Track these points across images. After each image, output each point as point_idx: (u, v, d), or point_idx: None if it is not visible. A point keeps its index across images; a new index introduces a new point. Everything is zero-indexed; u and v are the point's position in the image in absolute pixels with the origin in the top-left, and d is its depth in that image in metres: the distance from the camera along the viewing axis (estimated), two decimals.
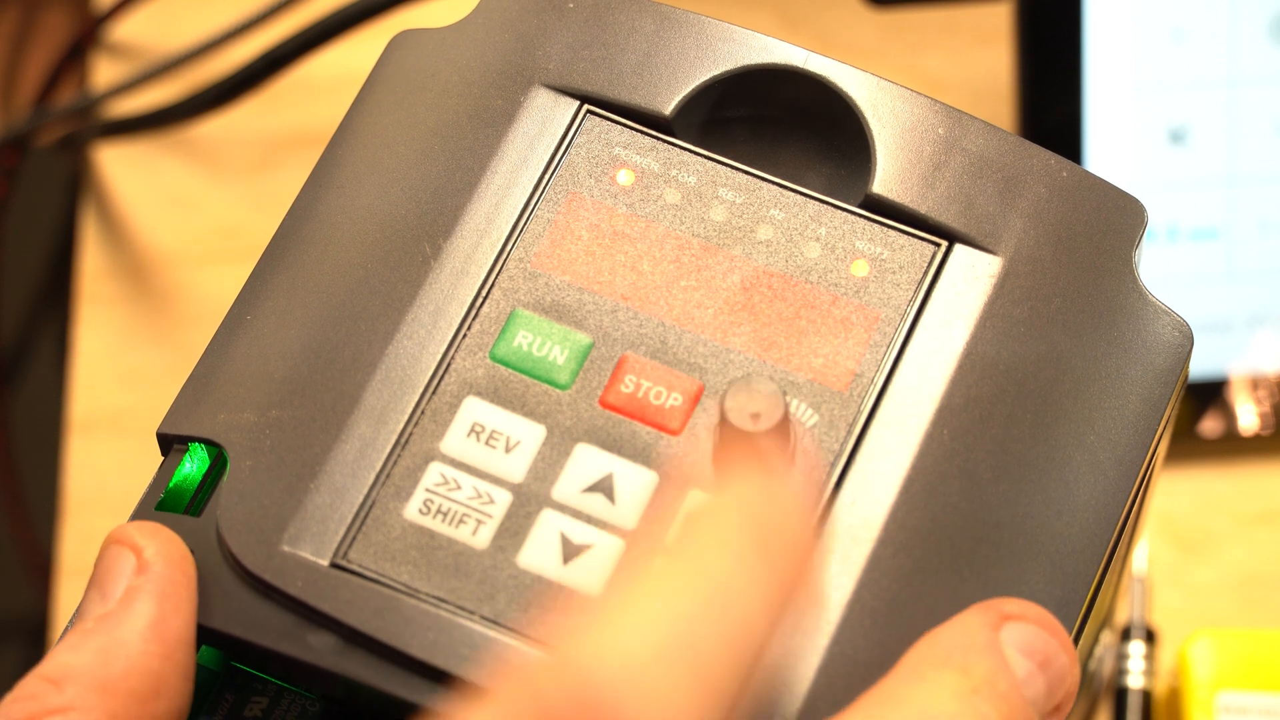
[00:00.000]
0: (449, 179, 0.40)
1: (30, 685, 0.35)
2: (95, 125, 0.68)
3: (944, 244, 0.39)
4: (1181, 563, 0.62)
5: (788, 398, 0.38)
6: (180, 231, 0.68)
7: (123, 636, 0.36)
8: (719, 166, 0.40)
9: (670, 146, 0.40)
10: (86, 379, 0.66)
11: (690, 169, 0.40)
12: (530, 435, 0.38)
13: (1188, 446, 0.62)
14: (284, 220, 0.41)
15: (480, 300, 0.39)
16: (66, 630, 0.37)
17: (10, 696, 0.35)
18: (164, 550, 0.37)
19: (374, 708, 0.37)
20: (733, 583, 0.31)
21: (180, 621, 0.36)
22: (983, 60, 0.67)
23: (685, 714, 0.30)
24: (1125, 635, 0.59)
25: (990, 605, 0.36)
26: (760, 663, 0.36)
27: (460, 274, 0.39)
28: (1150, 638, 0.59)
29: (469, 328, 0.39)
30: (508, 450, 0.38)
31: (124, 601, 0.36)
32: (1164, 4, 0.60)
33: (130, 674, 0.35)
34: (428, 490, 0.37)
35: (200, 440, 0.38)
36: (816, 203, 0.40)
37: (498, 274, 0.39)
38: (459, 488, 0.37)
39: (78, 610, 0.37)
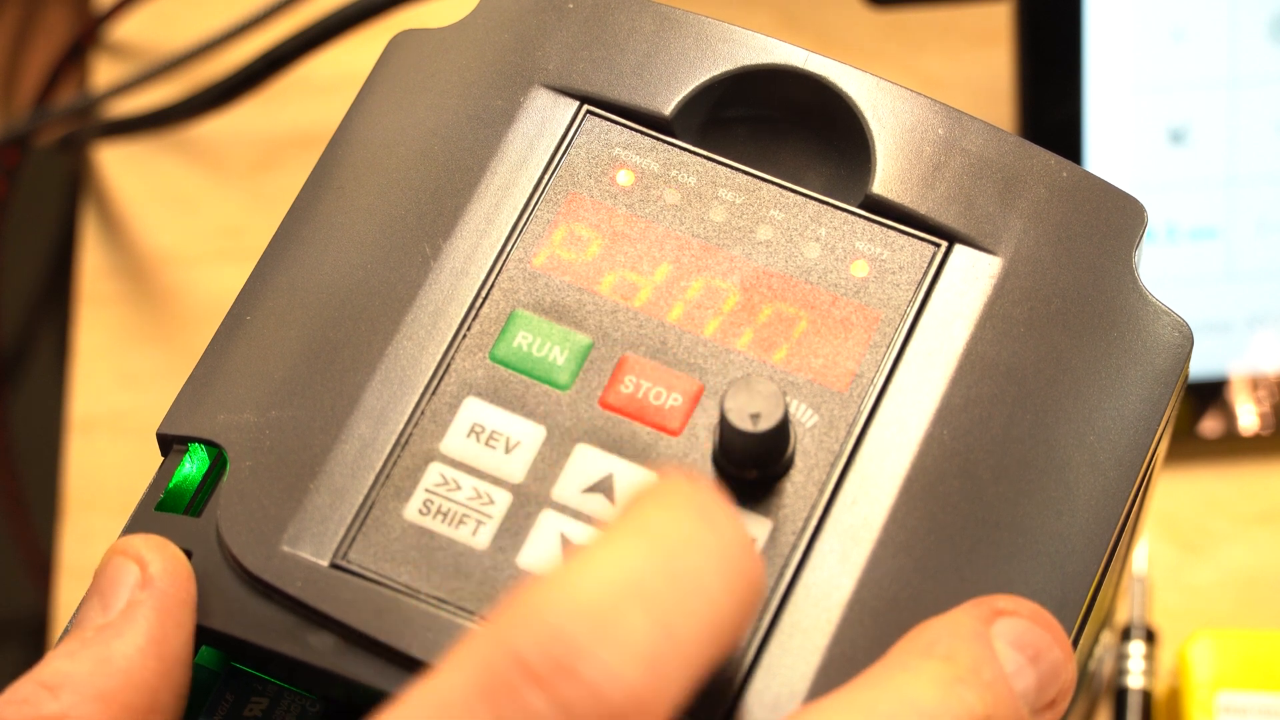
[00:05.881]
0: (449, 179, 0.40)
1: (25, 689, 0.35)
2: (95, 125, 0.68)
3: (944, 244, 0.39)
4: (1181, 563, 0.62)
5: (788, 398, 0.38)
6: (180, 231, 0.68)
7: (122, 649, 0.36)
8: (719, 167, 0.40)
9: (670, 147, 0.40)
10: (86, 379, 0.66)
11: (690, 169, 0.40)
12: (530, 435, 0.38)
13: (1188, 446, 0.62)
14: (284, 220, 0.41)
15: (480, 300, 0.39)
16: (64, 636, 0.37)
17: (4, 699, 0.35)
18: (169, 566, 0.37)
19: (374, 708, 0.37)
20: (680, 540, 0.32)
21: (180, 639, 0.36)
22: (983, 60, 0.67)
23: (646, 656, 0.31)
24: (1125, 635, 0.59)
25: (982, 601, 0.36)
26: (760, 662, 0.36)
27: (460, 274, 0.39)
28: (1150, 638, 0.59)
29: (469, 328, 0.39)
30: (507, 450, 0.38)
31: (125, 614, 0.36)
32: (1164, 4, 0.60)
33: (126, 687, 0.35)
34: (427, 490, 0.37)
35: (200, 440, 0.38)
36: (816, 203, 0.40)
37: (498, 274, 0.39)
38: (459, 488, 0.37)
39: (76, 617, 0.37)
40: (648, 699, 0.31)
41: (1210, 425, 0.61)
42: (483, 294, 0.39)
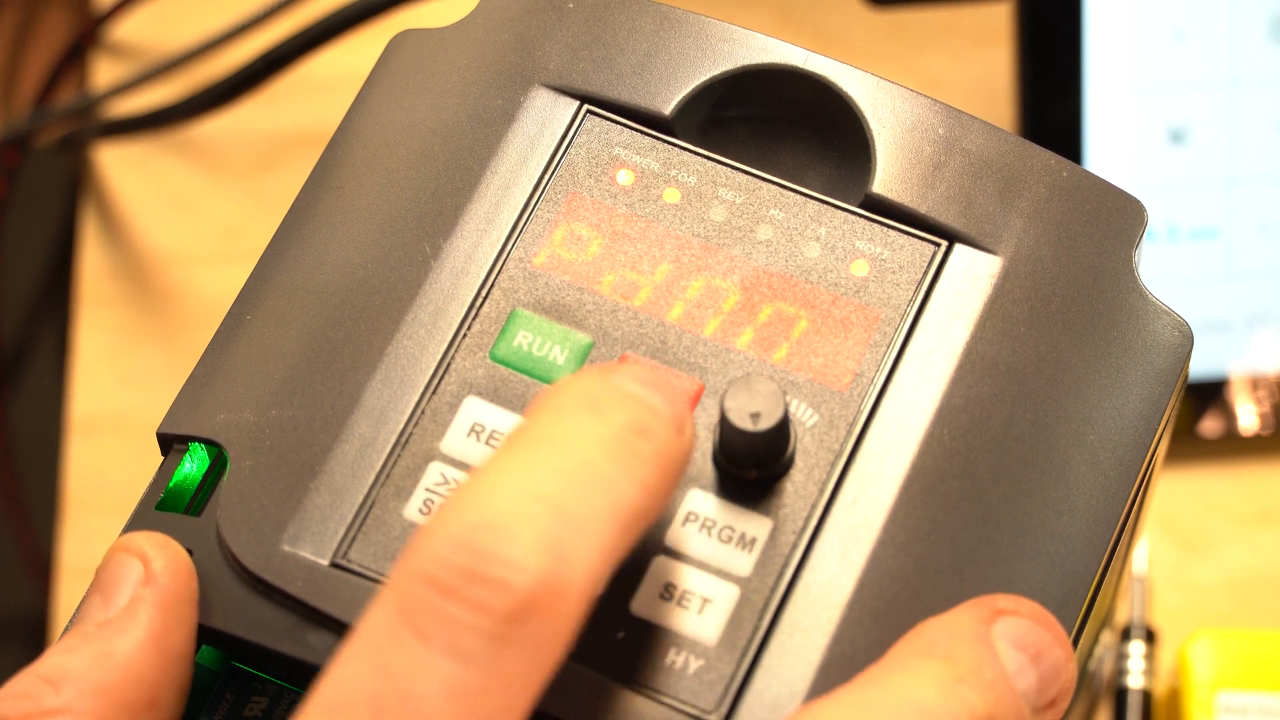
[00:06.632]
0: (449, 179, 0.40)
1: (25, 683, 0.35)
2: (95, 125, 0.68)
3: (944, 244, 0.39)
4: (1181, 563, 0.62)
5: (788, 397, 0.38)
6: (180, 231, 0.68)
7: (123, 645, 0.36)
8: (719, 166, 0.40)
9: (670, 146, 0.40)
10: (86, 379, 0.66)
11: (690, 169, 0.40)
12: None
13: (1188, 446, 0.62)
14: (284, 220, 0.41)
15: (480, 300, 0.39)
16: (65, 632, 0.37)
17: (3, 692, 0.35)
18: (171, 563, 0.37)
19: None
20: (564, 434, 0.33)
21: (181, 636, 0.36)
22: (983, 60, 0.67)
23: (545, 543, 0.32)
24: (1125, 635, 0.59)
25: (983, 600, 0.36)
26: (760, 662, 0.36)
27: (460, 274, 0.39)
28: (1150, 638, 0.59)
29: (469, 328, 0.39)
30: None
31: (127, 610, 0.36)
32: (1164, 4, 0.60)
33: (126, 682, 0.35)
34: (428, 490, 0.37)
35: (200, 440, 0.38)
36: (816, 203, 0.40)
37: (498, 274, 0.39)
38: None
39: (77, 613, 0.37)
40: (557, 583, 0.32)
41: (1210, 425, 0.61)
42: (483, 293, 0.39)
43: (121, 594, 0.36)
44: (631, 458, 0.33)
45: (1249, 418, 0.61)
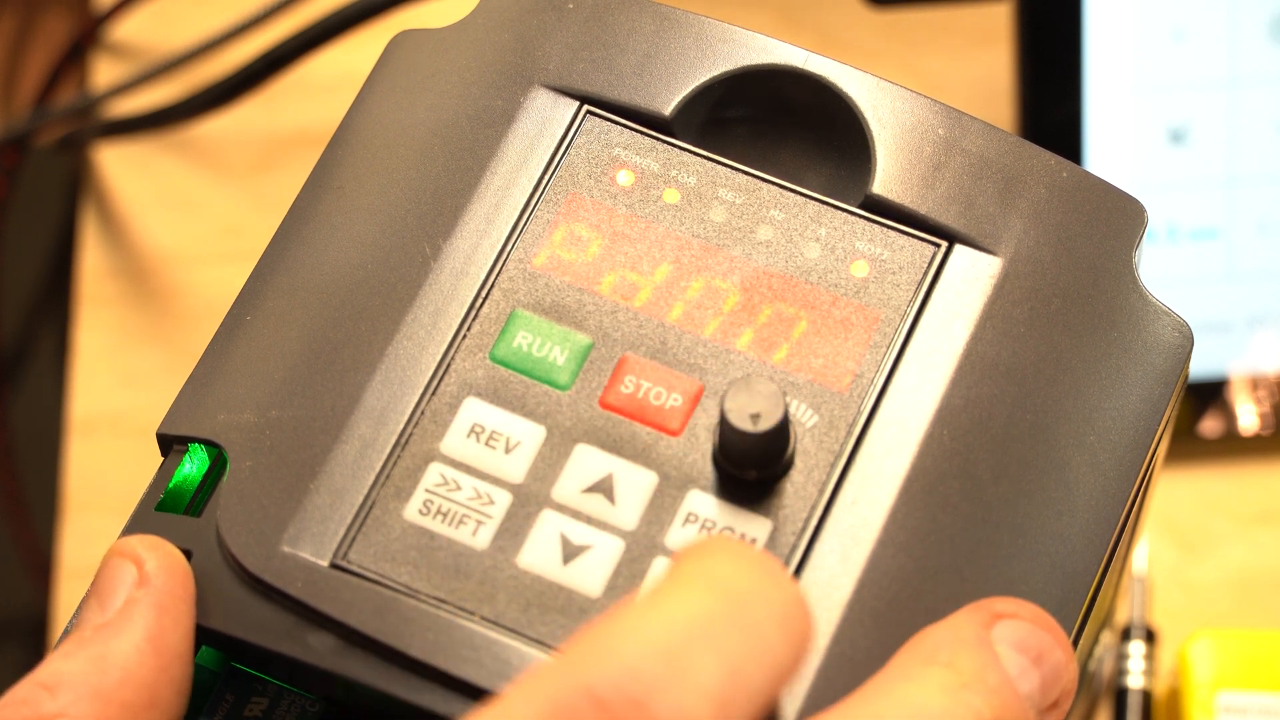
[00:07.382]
0: (449, 179, 0.40)
1: (23, 690, 0.35)
2: (95, 125, 0.68)
3: (944, 244, 0.39)
4: (1181, 563, 0.62)
5: (788, 398, 0.38)
6: (180, 231, 0.68)
7: (119, 647, 0.36)
8: (719, 167, 0.40)
9: (670, 147, 0.40)
10: (86, 379, 0.66)
11: (690, 169, 0.40)
12: (530, 436, 0.38)
13: (1188, 446, 0.62)
14: (284, 220, 0.41)
15: (480, 300, 0.39)
16: (63, 637, 0.37)
17: (3, 701, 0.35)
18: (165, 564, 0.37)
19: (374, 708, 0.37)
20: (747, 591, 0.32)
21: (178, 635, 0.36)
22: (983, 60, 0.67)
23: (716, 697, 0.31)
24: (1125, 635, 0.59)
25: (982, 604, 0.36)
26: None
27: (460, 274, 0.39)
28: (1150, 638, 0.59)
29: (469, 328, 0.39)
30: (508, 451, 0.38)
31: (123, 612, 0.36)
32: (1164, 4, 0.60)
33: (125, 684, 0.35)
34: (428, 491, 0.37)
35: (200, 440, 0.38)
36: (816, 203, 0.40)
37: (498, 274, 0.39)
38: (459, 488, 0.37)
39: (75, 618, 0.37)
40: None
41: (1210, 425, 0.61)
42: (483, 294, 0.39)
43: (116, 597, 0.36)
44: (795, 629, 0.32)
45: (1249, 418, 0.61)
